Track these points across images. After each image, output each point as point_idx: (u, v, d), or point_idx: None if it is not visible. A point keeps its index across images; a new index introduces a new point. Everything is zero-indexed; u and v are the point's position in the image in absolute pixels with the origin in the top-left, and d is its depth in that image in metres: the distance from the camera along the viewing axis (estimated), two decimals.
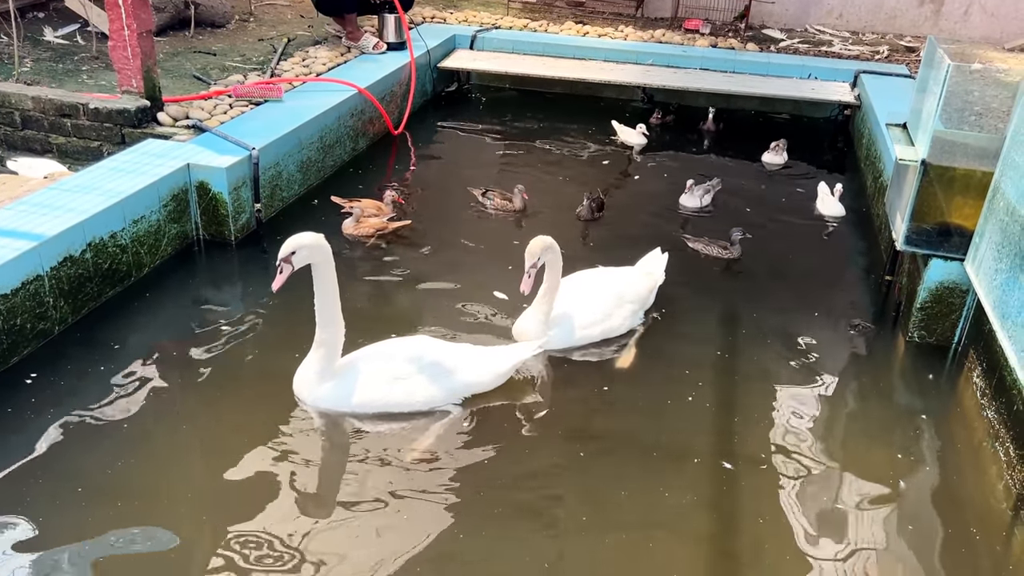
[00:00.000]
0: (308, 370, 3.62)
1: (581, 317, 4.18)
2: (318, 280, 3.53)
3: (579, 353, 4.17)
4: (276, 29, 7.85)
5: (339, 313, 3.60)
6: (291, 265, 3.44)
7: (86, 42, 6.83)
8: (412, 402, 3.62)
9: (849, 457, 3.64)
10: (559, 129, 7.26)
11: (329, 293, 3.55)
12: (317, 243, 3.48)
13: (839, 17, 9.22)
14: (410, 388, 3.61)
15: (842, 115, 7.61)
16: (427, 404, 3.64)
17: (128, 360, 3.88)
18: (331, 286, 3.55)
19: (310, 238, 3.47)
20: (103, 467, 3.26)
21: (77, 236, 4.05)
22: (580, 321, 4.18)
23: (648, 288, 4.51)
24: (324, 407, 3.61)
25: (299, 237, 3.46)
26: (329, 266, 3.53)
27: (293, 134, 5.43)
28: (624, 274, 4.54)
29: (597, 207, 5.52)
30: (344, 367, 3.65)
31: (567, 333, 4.15)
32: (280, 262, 3.44)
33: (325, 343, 3.58)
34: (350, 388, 3.59)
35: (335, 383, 3.60)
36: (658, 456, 3.57)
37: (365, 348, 3.78)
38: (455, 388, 3.69)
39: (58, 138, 5.36)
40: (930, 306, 4.34)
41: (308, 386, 3.61)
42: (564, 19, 8.96)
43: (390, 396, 3.60)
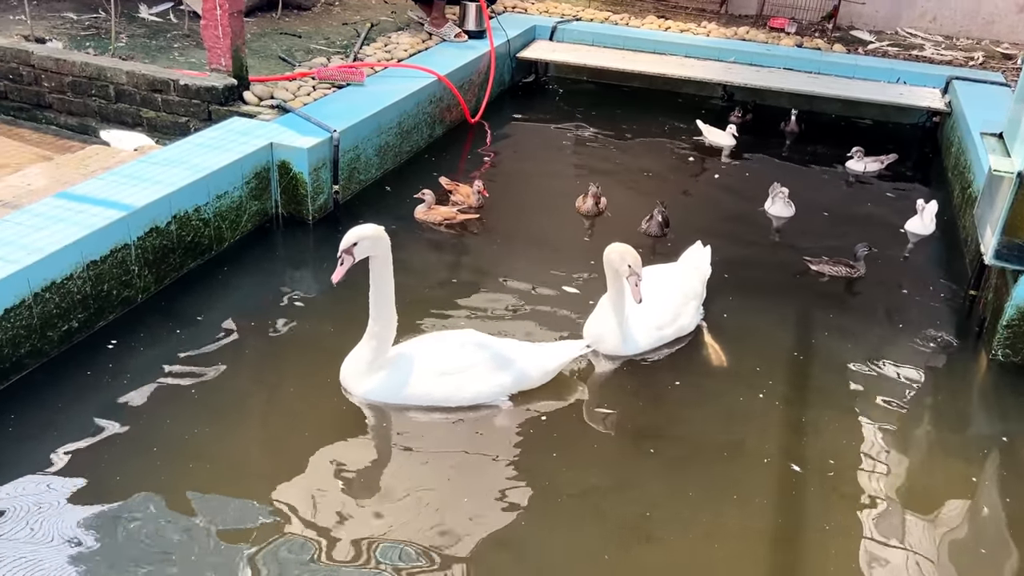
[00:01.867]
0: (357, 362, 3.61)
1: (654, 318, 4.11)
2: (375, 272, 3.52)
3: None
4: (360, 14, 7.96)
5: (392, 307, 3.58)
6: (352, 256, 3.42)
7: (179, 20, 7.03)
8: (460, 397, 3.60)
9: (922, 474, 3.54)
10: (636, 125, 7.19)
11: (385, 286, 3.54)
12: (378, 235, 3.46)
13: (932, 20, 8.90)
14: (458, 383, 3.60)
15: (930, 122, 7.36)
16: (475, 399, 3.62)
17: (204, 331, 3.99)
18: (387, 279, 3.54)
19: (372, 230, 3.46)
20: (177, 432, 3.37)
21: (164, 208, 4.18)
22: (654, 322, 4.11)
23: (701, 283, 4.46)
24: (372, 399, 3.61)
25: (361, 228, 3.45)
26: (387, 259, 3.51)
27: (373, 118, 5.50)
28: (677, 271, 4.48)
29: (664, 223, 5.28)
30: (393, 359, 3.64)
31: (643, 336, 4.08)
32: (341, 253, 3.42)
33: (377, 336, 3.56)
34: (398, 381, 3.58)
35: (384, 375, 3.59)
36: (727, 456, 3.53)
37: (414, 340, 3.78)
38: (504, 384, 3.66)
39: (148, 112, 5.53)
40: (1017, 324, 4.17)
41: (356, 378, 3.61)
42: (646, 13, 8.86)
43: (438, 390, 3.59)
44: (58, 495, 3.02)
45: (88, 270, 3.78)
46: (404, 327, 3.82)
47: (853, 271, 4.88)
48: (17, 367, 3.53)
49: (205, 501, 3.06)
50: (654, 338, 4.10)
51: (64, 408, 3.44)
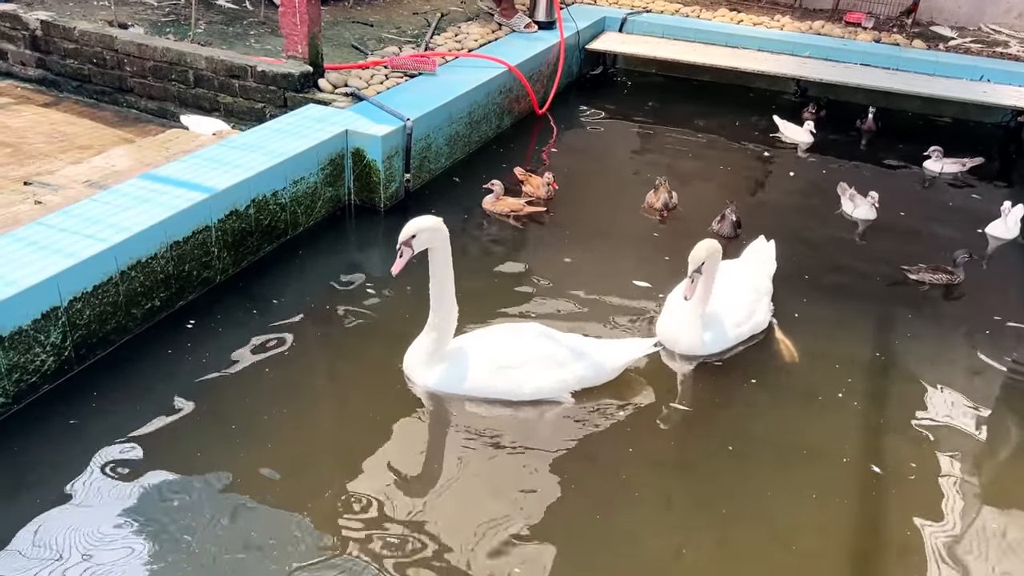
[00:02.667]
0: (418, 352, 3.61)
1: (730, 316, 4.03)
2: (434, 265, 3.49)
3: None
4: (430, 3, 7.99)
5: (453, 299, 3.57)
6: (411, 249, 3.41)
7: (255, 8, 7.14)
8: (520, 392, 3.57)
9: (1002, 484, 3.42)
10: (707, 120, 7.09)
11: (445, 278, 3.52)
12: (437, 227, 3.42)
13: (1019, 16, 8.58)
14: (519, 378, 3.57)
15: (1015, 121, 7.10)
16: (535, 395, 3.59)
17: (279, 313, 4.06)
18: (447, 271, 3.52)
19: (431, 221, 3.42)
20: (253, 411, 3.44)
21: (243, 192, 4.26)
22: (730, 320, 4.03)
23: (769, 278, 4.40)
24: (433, 389, 3.61)
25: (419, 220, 3.42)
26: (446, 251, 3.49)
27: (444, 108, 5.52)
28: (744, 267, 4.40)
29: (737, 223, 5.15)
30: (455, 351, 3.62)
31: (721, 335, 4.00)
32: (400, 245, 3.40)
33: (437, 327, 3.55)
34: (459, 373, 3.57)
35: (445, 366, 3.58)
36: (805, 455, 3.48)
37: (478, 331, 3.75)
38: (566, 380, 3.62)
39: (226, 98, 5.64)
40: None
41: (418, 367, 3.61)
42: (718, 5, 8.72)
43: (499, 384, 3.56)
44: (137, 469, 3.10)
45: (171, 250, 3.88)
46: (468, 317, 3.83)
47: (954, 278, 4.71)
48: (104, 343, 3.64)
49: (278, 481, 3.11)
50: (732, 336, 4.03)
51: (146, 384, 3.53)
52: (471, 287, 4.41)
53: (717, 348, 3.99)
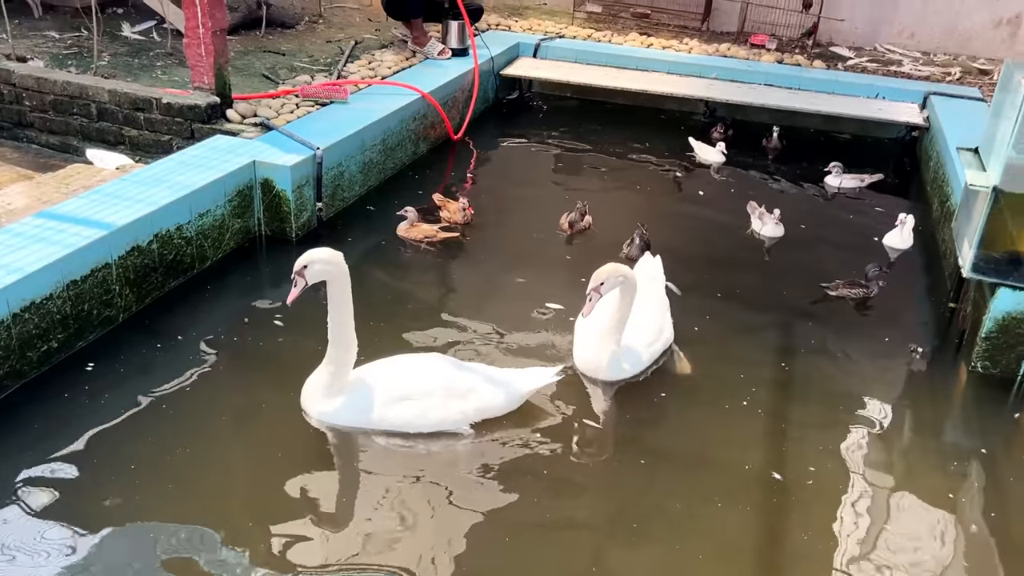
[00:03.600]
0: (315, 385, 3.55)
1: (642, 337, 4.06)
2: (332, 297, 3.44)
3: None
4: (344, 31, 7.99)
5: (352, 332, 3.51)
6: (304, 279, 3.38)
7: (162, 38, 7.03)
8: (420, 424, 3.52)
9: (900, 485, 3.56)
10: (620, 141, 7.23)
11: (342, 312, 3.46)
12: (330, 259, 3.39)
13: (911, 37, 9.02)
14: (417, 409, 3.51)
15: (909, 136, 7.44)
16: (436, 426, 3.53)
17: (185, 351, 3.97)
18: (345, 305, 3.46)
19: (325, 253, 3.39)
20: (154, 453, 3.35)
21: (145, 227, 4.17)
22: (643, 341, 4.05)
23: (663, 293, 4.45)
24: (331, 422, 3.54)
25: (314, 251, 3.39)
26: (343, 284, 3.44)
27: (357, 135, 5.51)
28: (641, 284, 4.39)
29: (645, 245, 5.19)
30: (353, 383, 3.56)
31: (638, 357, 4.01)
32: (294, 275, 3.38)
33: (335, 360, 3.50)
34: (356, 406, 3.51)
35: (342, 400, 3.52)
36: (711, 464, 3.57)
37: (378, 362, 3.69)
38: (466, 411, 3.57)
39: (131, 131, 5.53)
40: (996, 336, 4.21)
41: (314, 401, 3.55)
42: (629, 30, 8.93)
43: (397, 416, 3.50)
44: (34, 516, 2.99)
45: (68, 290, 3.76)
46: (377, 347, 3.81)
47: (869, 291, 4.87)
48: None
49: (180, 524, 3.03)
50: (648, 356, 4.05)
51: (43, 429, 3.40)
52: (383, 315, 4.41)
53: (637, 370, 4.01)
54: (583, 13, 9.37)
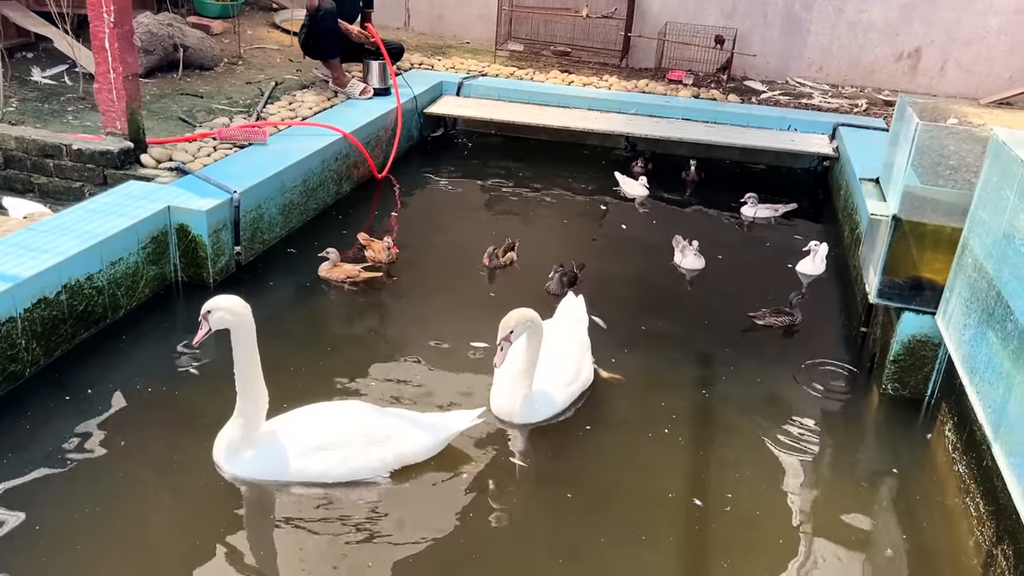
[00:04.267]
0: (226, 439, 3.46)
1: (559, 378, 4.03)
2: (236, 348, 3.36)
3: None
4: (264, 72, 7.94)
5: (260, 382, 3.44)
6: (208, 324, 3.33)
7: (73, 83, 6.88)
8: (336, 474, 3.44)
9: (818, 506, 3.65)
10: (544, 176, 7.33)
11: (247, 362, 3.38)
12: (233, 308, 3.32)
13: (819, 70, 9.40)
14: (333, 460, 3.44)
15: (821, 166, 7.72)
16: (353, 475, 3.46)
17: (95, 405, 3.85)
18: (249, 355, 3.38)
19: (228, 302, 3.33)
20: (63, 514, 3.22)
21: (52, 278, 4.05)
22: (560, 382, 4.03)
23: (586, 333, 4.45)
24: (245, 477, 3.45)
25: (219, 298, 3.34)
26: (247, 334, 3.36)
27: (276, 177, 5.46)
28: (561, 324, 4.41)
29: (569, 281, 5.24)
30: (265, 435, 3.48)
31: (553, 398, 3.99)
32: (200, 317, 3.34)
33: (244, 414, 3.42)
34: (269, 458, 3.42)
35: (254, 453, 3.44)
36: (635, 495, 3.61)
37: (293, 412, 3.61)
38: (384, 459, 3.51)
39: (40, 178, 5.37)
40: (903, 359, 4.37)
41: (225, 455, 3.46)
42: (550, 68, 9.10)
43: (311, 467, 3.42)
44: None
45: None
46: (298, 394, 3.75)
47: (793, 318, 5.01)
48: None
49: None
50: (564, 398, 4.03)
51: None
52: (304, 360, 4.35)
53: (552, 412, 3.98)
54: (505, 51, 9.52)
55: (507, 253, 5.59)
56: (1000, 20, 8.79)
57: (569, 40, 9.66)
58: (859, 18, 9.10)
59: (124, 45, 5.08)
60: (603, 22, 9.37)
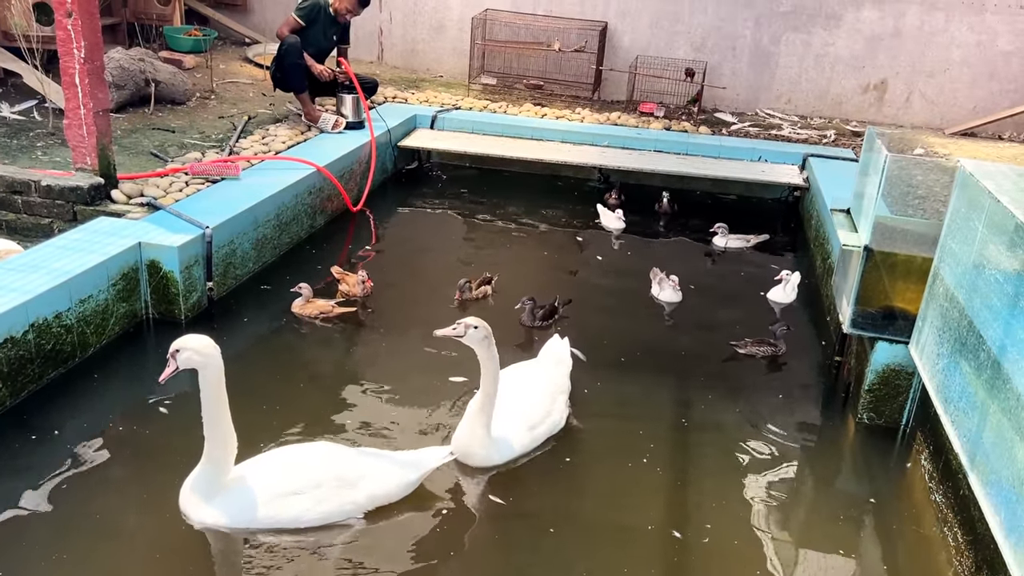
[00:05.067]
0: (192, 486, 3.36)
1: (524, 419, 3.93)
2: (203, 389, 3.28)
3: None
4: (237, 107, 7.92)
5: (229, 426, 3.35)
6: (176, 362, 3.26)
7: (43, 118, 6.82)
8: (307, 519, 3.35)
9: (795, 536, 3.65)
10: (518, 209, 7.34)
11: (214, 405, 3.30)
12: (201, 349, 3.24)
13: (788, 102, 9.57)
14: (305, 504, 3.35)
15: (792, 196, 7.83)
16: (324, 519, 3.38)
17: (63, 446, 3.76)
18: (216, 397, 3.30)
19: (196, 342, 3.25)
20: (23, 561, 3.13)
21: (19, 317, 3.97)
22: (525, 424, 3.93)
23: (566, 376, 4.35)
24: (213, 525, 3.33)
25: (188, 338, 3.27)
26: (215, 375, 3.27)
27: (248, 212, 5.42)
28: (540, 366, 4.35)
29: (546, 314, 5.20)
30: (235, 480, 3.39)
31: (515, 440, 3.88)
32: (168, 355, 3.28)
33: (212, 459, 3.32)
34: (237, 506, 3.33)
35: (221, 500, 3.34)
36: (615, 528, 3.59)
37: (260, 456, 3.54)
38: (357, 501, 3.43)
39: (7, 215, 5.29)
40: (878, 388, 4.40)
41: (192, 504, 3.35)
42: (523, 101, 9.17)
43: (282, 512, 3.33)
44: None
45: None
46: (270, 433, 3.69)
47: (777, 349, 5.03)
48: None
49: None
50: (527, 440, 3.92)
51: None
52: (276, 399, 4.29)
53: (510, 455, 3.86)
54: (478, 85, 9.59)
55: (481, 286, 5.58)
56: (962, 52, 9.02)
57: (542, 73, 9.76)
58: (826, 51, 9.29)
59: (95, 80, 5.05)
60: (575, 56, 9.48)
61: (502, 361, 3.89)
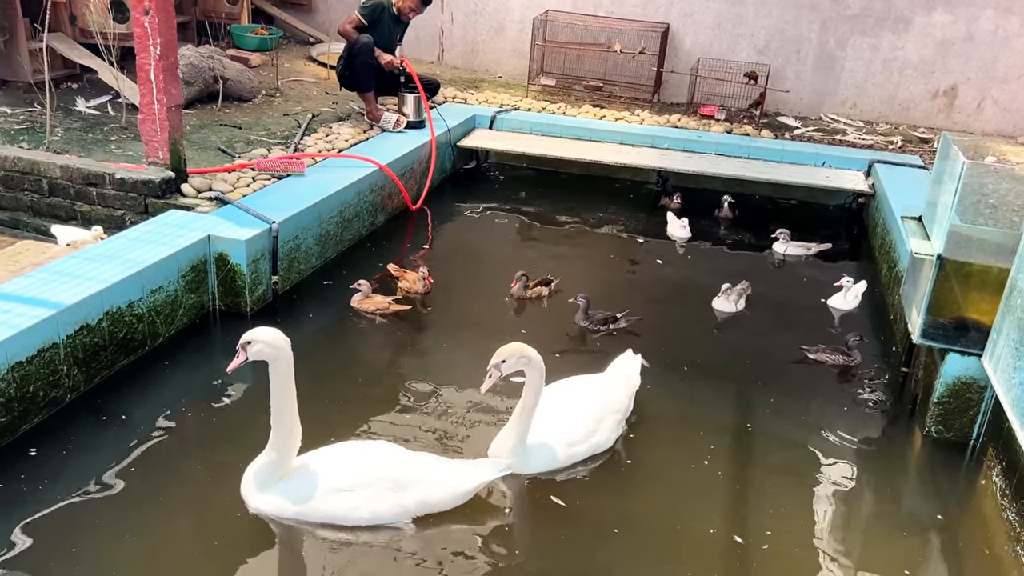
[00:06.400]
0: (254, 474, 3.43)
1: (565, 435, 3.86)
2: (273, 380, 3.34)
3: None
4: (301, 105, 8.05)
5: (295, 417, 3.41)
6: (246, 353, 3.31)
7: (116, 113, 7.01)
8: (356, 517, 3.37)
9: (857, 550, 3.59)
10: (576, 210, 7.32)
11: (284, 396, 3.36)
12: (273, 341, 3.30)
13: (853, 107, 9.37)
14: (355, 501, 3.37)
15: (856, 203, 7.66)
16: (373, 520, 3.38)
17: (133, 431, 3.87)
18: (286, 388, 3.36)
19: (268, 335, 3.31)
20: (99, 542, 3.22)
21: (95, 305, 4.09)
22: (564, 439, 3.85)
23: (628, 395, 4.22)
24: (265, 512, 3.40)
25: (259, 330, 3.32)
26: (285, 367, 3.34)
27: (313, 208, 5.51)
28: (601, 382, 4.24)
29: (602, 320, 5.14)
30: (294, 471, 3.44)
31: (551, 454, 3.81)
32: (238, 347, 3.33)
33: (277, 448, 3.38)
34: (293, 496, 3.37)
35: (280, 490, 3.39)
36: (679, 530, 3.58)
37: (322, 450, 3.57)
38: (406, 506, 3.42)
39: (83, 206, 5.46)
40: (947, 401, 4.28)
41: (252, 491, 3.42)
42: (582, 102, 9.14)
43: (333, 509, 3.36)
44: None
45: (13, 372, 3.65)
46: (327, 428, 3.72)
47: (850, 360, 4.93)
48: None
49: None
50: (564, 456, 3.84)
51: None
52: (335, 393, 4.35)
53: (542, 468, 3.80)
54: (537, 86, 9.58)
55: (538, 287, 5.57)
56: None
57: (601, 75, 9.71)
58: (894, 55, 9.08)
59: (169, 77, 5.18)
60: (635, 58, 9.43)
61: (558, 365, 3.87)
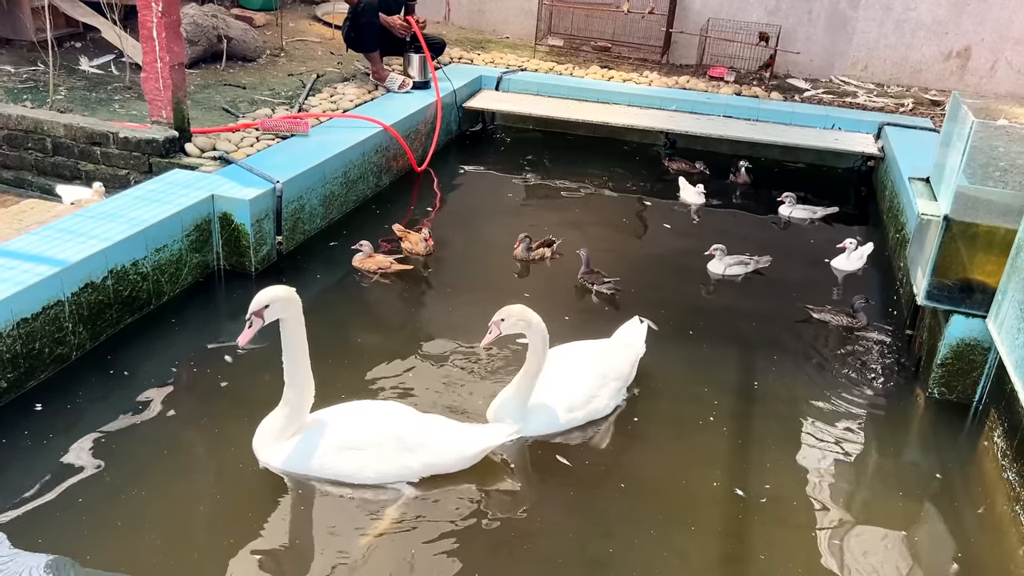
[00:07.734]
0: (268, 428, 3.46)
1: (564, 400, 3.85)
2: (286, 337, 3.36)
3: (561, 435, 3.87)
4: (306, 65, 7.99)
5: (308, 372, 3.44)
6: (262, 319, 3.28)
7: (120, 72, 6.98)
8: (361, 475, 3.39)
9: (858, 507, 3.61)
10: (582, 172, 7.28)
11: (298, 351, 3.39)
12: (289, 297, 3.31)
13: (864, 69, 9.25)
14: (362, 460, 3.39)
15: (865, 166, 7.60)
16: (378, 479, 3.40)
17: (139, 388, 3.90)
18: (300, 343, 3.40)
19: (283, 292, 3.31)
20: (105, 496, 3.26)
21: (99, 263, 4.10)
22: (563, 404, 3.85)
23: (631, 363, 4.19)
24: (275, 467, 3.44)
25: (272, 290, 3.30)
26: (299, 323, 3.37)
27: (317, 168, 5.49)
28: (604, 348, 4.21)
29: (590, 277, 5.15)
30: (307, 427, 3.47)
31: (549, 418, 3.82)
32: (250, 315, 3.27)
33: (290, 403, 3.42)
34: (303, 452, 3.40)
35: (291, 445, 3.42)
36: (683, 484, 3.61)
37: (334, 408, 3.58)
38: (411, 466, 3.43)
39: (87, 165, 5.45)
40: (951, 362, 4.27)
41: (264, 445, 3.46)
42: (590, 63, 9.05)
43: (340, 466, 3.38)
44: None
45: (19, 328, 3.68)
46: (332, 388, 3.74)
47: (855, 322, 4.92)
48: None
49: (131, 567, 2.95)
50: (562, 420, 3.84)
51: None
52: (340, 353, 4.36)
53: (540, 431, 3.81)
54: (545, 46, 9.48)
55: (541, 248, 5.56)
56: None
57: (609, 35, 9.60)
58: (907, 16, 8.94)
59: (171, 35, 5.14)
60: (644, 18, 9.30)
61: (560, 329, 3.87)
